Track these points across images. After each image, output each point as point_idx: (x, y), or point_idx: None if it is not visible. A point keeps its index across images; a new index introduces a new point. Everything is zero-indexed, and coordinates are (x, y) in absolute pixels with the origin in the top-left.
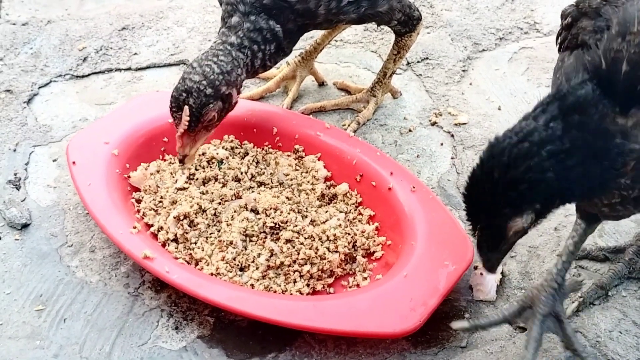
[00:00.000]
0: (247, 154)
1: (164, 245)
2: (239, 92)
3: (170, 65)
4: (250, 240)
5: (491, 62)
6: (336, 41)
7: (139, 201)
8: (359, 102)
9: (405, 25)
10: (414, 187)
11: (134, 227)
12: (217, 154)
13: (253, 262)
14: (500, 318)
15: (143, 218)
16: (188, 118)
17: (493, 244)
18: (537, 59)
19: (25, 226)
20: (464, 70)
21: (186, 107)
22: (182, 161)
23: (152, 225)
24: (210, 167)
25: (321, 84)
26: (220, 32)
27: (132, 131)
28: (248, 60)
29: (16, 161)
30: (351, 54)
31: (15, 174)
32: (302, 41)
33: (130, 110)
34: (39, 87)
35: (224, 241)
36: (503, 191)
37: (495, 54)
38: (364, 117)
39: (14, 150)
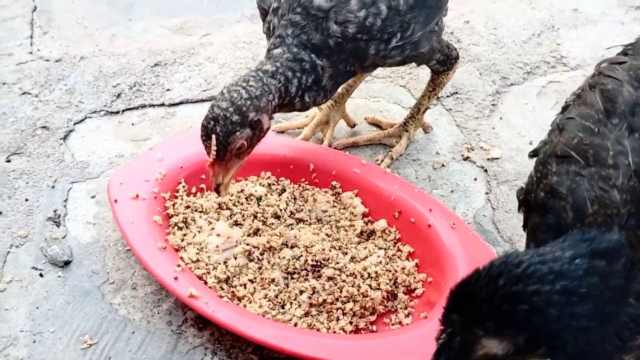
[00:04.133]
0: (285, 190)
1: (206, 282)
2: (270, 118)
3: (202, 101)
4: (292, 278)
5: (520, 96)
6: None
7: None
8: (391, 137)
9: (444, 64)
10: (454, 224)
11: (178, 266)
12: (256, 191)
13: (295, 299)
14: None
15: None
16: (216, 147)
17: (452, 357)
18: (565, 93)
19: (67, 263)
20: (493, 105)
21: (214, 136)
22: (217, 190)
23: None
24: (249, 204)
25: (352, 126)
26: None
27: (170, 169)
28: (280, 85)
29: (55, 198)
30: (380, 88)
31: (54, 211)
32: None
33: (167, 147)
34: (75, 124)
35: (266, 279)
36: (499, 302)
37: (524, 88)
38: (397, 152)
39: (53, 187)
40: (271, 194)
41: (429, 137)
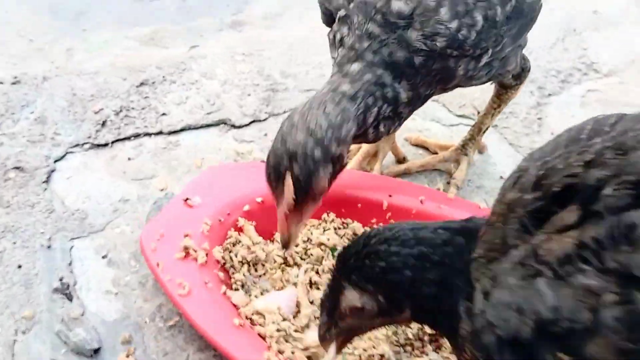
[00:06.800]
0: (356, 235)
1: None
2: (348, 151)
3: (208, 126)
4: (405, 351)
5: (563, 108)
6: None
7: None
8: (447, 162)
9: (518, 77)
10: None
11: (268, 348)
12: (328, 239)
13: None
14: None
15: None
16: (293, 191)
17: (330, 308)
18: (608, 102)
19: (96, 351)
20: (539, 119)
21: (289, 177)
22: (285, 246)
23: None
24: (322, 256)
25: (402, 159)
26: (329, 79)
27: (215, 216)
28: (360, 113)
29: (56, 261)
30: None
31: (60, 279)
32: None
33: (201, 190)
34: (55, 161)
35: (374, 355)
36: (363, 257)
37: (564, 98)
38: (460, 179)
39: (49, 247)
40: (342, 242)
41: (484, 159)
